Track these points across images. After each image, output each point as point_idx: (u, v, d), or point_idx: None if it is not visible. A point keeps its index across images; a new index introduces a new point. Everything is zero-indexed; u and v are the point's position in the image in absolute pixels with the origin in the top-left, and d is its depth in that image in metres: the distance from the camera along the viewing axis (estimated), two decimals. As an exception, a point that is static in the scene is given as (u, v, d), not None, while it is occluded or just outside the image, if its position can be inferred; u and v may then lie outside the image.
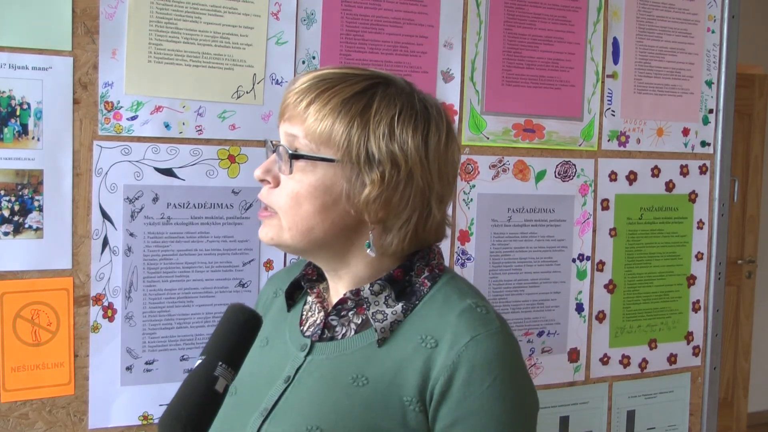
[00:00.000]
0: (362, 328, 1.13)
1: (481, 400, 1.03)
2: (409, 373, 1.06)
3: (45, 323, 1.44)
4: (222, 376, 0.97)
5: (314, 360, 1.13)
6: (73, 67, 1.43)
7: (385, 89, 1.11)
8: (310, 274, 1.23)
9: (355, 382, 1.08)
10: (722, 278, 2.09)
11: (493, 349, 1.05)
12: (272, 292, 1.32)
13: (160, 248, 1.51)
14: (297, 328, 1.20)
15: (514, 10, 1.79)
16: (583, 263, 1.91)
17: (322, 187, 1.08)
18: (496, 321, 1.09)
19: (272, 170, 1.11)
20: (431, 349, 1.06)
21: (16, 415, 1.43)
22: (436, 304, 1.11)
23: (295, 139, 1.09)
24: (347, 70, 1.13)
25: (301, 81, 1.11)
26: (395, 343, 1.09)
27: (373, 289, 1.13)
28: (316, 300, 1.20)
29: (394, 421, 1.05)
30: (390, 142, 1.08)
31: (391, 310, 1.11)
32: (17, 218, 1.41)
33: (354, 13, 1.64)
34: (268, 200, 1.11)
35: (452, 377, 1.04)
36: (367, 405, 1.06)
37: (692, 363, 2.06)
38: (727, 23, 2.04)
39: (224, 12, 1.53)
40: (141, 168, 1.49)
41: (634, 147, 1.95)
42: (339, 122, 1.07)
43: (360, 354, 1.11)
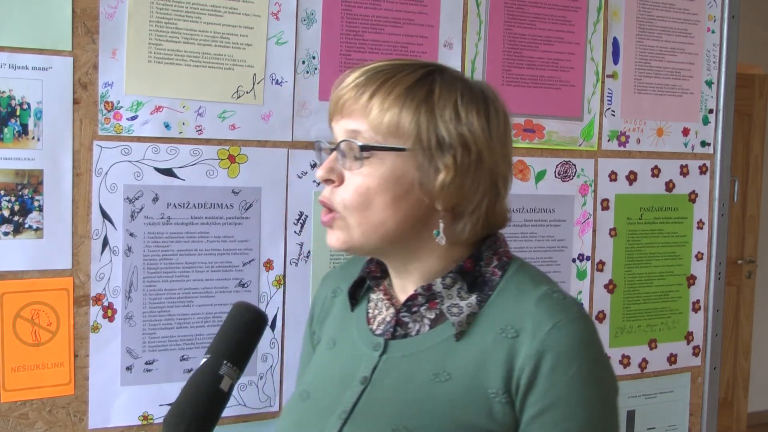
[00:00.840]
0: (436, 322, 1.11)
1: (569, 387, 1.02)
2: (492, 365, 1.05)
3: (45, 323, 1.44)
4: (227, 375, 0.96)
5: (390, 358, 1.11)
6: (73, 67, 1.43)
7: (441, 75, 1.09)
8: (374, 271, 1.19)
9: (436, 378, 1.07)
10: (722, 278, 2.09)
11: (576, 335, 1.04)
12: (330, 292, 1.28)
13: (160, 248, 1.51)
14: (365, 327, 1.17)
15: (514, 10, 1.79)
16: (583, 263, 1.91)
17: (393, 177, 1.05)
18: (574, 306, 1.08)
19: (335, 168, 1.07)
20: (512, 339, 1.05)
21: (16, 415, 1.43)
22: (510, 293, 1.09)
23: (357, 134, 1.05)
24: (399, 61, 1.11)
25: (354, 76, 1.09)
26: (473, 335, 1.07)
27: (445, 283, 1.10)
28: (384, 297, 1.17)
29: (481, 415, 1.04)
30: (458, 124, 1.06)
31: (466, 302, 1.09)
32: (17, 218, 1.41)
33: (354, 13, 1.64)
34: (333, 199, 1.07)
35: (538, 366, 1.02)
36: (451, 400, 1.05)
37: (692, 363, 2.06)
38: (727, 23, 2.04)
39: (224, 12, 1.53)
40: (141, 168, 1.49)
41: (634, 147, 1.95)
42: (406, 110, 1.05)
43: (438, 349, 1.09)
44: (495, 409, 1.04)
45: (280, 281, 1.61)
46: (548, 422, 1.02)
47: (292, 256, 1.62)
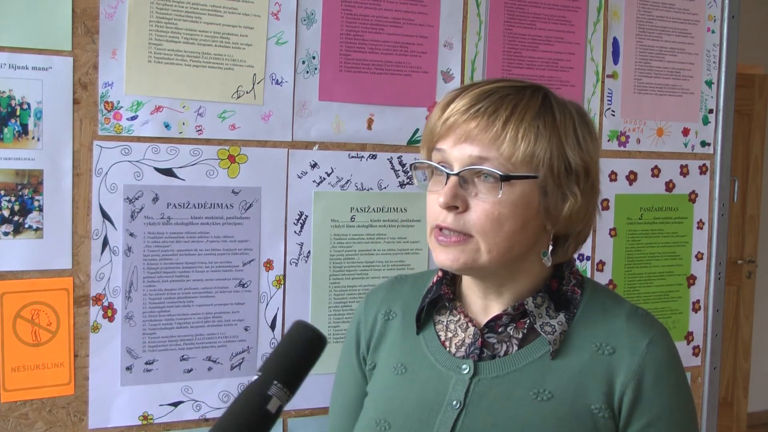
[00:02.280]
0: (525, 342, 1.12)
1: (670, 398, 1.08)
2: (592, 381, 1.08)
3: (45, 323, 1.44)
4: (276, 396, 0.91)
5: (482, 380, 1.11)
6: (73, 67, 1.43)
7: (552, 97, 1.11)
8: (447, 293, 1.18)
9: (537, 397, 1.08)
10: (722, 278, 2.09)
11: (669, 348, 1.11)
12: (381, 315, 1.25)
13: (160, 248, 1.51)
14: (442, 350, 1.16)
15: (514, 10, 1.79)
16: (583, 263, 1.91)
17: (523, 204, 1.06)
18: (655, 319, 1.14)
19: (459, 194, 1.05)
20: (609, 356, 1.08)
21: (16, 415, 1.43)
22: (595, 310, 1.13)
23: (484, 161, 1.05)
24: (508, 82, 1.11)
25: (471, 99, 1.07)
26: (568, 353, 1.10)
27: (536, 302, 1.12)
28: (465, 319, 1.16)
29: (585, 430, 1.06)
30: (580, 150, 1.09)
31: (557, 321, 1.11)
32: (17, 218, 1.41)
33: (354, 13, 1.64)
34: (460, 226, 1.06)
35: (641, 380, 1.07)
36: (557, 418, 1.07)
37: (692, 363, 2.06)
38: (727, 23, 2.04)
39: (224, 12, 1.53)
40: (141, 168, 1.49)
41: (634, 147, 1.95)
42: (540, 139, 1.05)
43: (533, 368, 1.10)
44: (599, 425, 1.07)
45: (280, 281, 1.61)
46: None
47: (292, 256, 1.62)
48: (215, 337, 1.56)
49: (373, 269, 1.69)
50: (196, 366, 1.55)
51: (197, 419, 1.56)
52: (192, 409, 1.56)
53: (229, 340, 1.58)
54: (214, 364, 1.57)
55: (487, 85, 1.09)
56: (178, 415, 1.54)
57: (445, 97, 1.12)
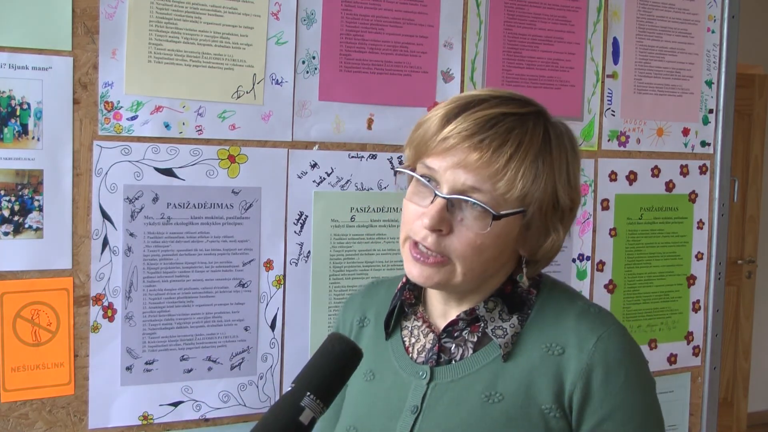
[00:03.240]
0: (479, 346, 1.13)
1: (622, 395, 1.07)
2: (542, 381, 1.08)
3: (45, 323, 1.44)
4: (309, 407, 0.91)
5: (438, 385, 1.13)
6: (73, 67, 1.43)
7: (550, 125, 1.10)
8: (409, 298, 1.20)
9: (489, 400, 1.09)
10: (722, 278, 2.09)
11: (619, 345, 1.09)
12: (356, 321, 1.28)
13: (160, 248, 1.51)
14: (404, 355, 1.18)
15: (514, 10, 1.79)
16: (583, 263, 1.91)
17: (504, 235, 1.08)
18: (610, 318, 1.14)
19: (445, 218, 1.05)
20: (559, 356, 1.09)
21: (16, 415, 1.43)
22: (549, 311, 1.13)
23: (476, 191, 1.05)
24: (511, 106, 1.09)
25: (474, 126, 1.05)
26: (520, 354, 1.11)
27: (488, 306, 1.13)
28: (425, 324, 1.18)
29: (537, 430, 1.07)
30: (570, 189, 1.11)
31: (509, 323, 1.12)
32: (17, 218, 1.41)
33: (354, 13, 1.64)
34: (441, 248, 1.06)
35: (590, 379, 1.07)
36: (508, 419, 1.07)
37: (692, 363, 2.06)
38: (727, 23, 2.04)
39: (224, 12, 1.53)
40: (141, 168, 1.49)
41: (634, 147, 1.95)
42: (537, 179, 1.06)
43: (486, 371, 1.11)
44: (551, 425, 1.07)
45: (280, 281, 1.61)
46: (608, 430, 1.07)
47: (292, 256, 1.62)
48: (215, 337, 1.56)
49: (373, 269, 1.69)
50: (196, 366, 1.55)
51: (197, 419, 1.56)
52: (192, 409, 1.56)
53: (229, 340, 1.58)
54: (214, 364, 1.57)
55: (491, 109, 1.07)
56: (178, 415, 1.54)
57: (443, 108, 1.10)
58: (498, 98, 1.09)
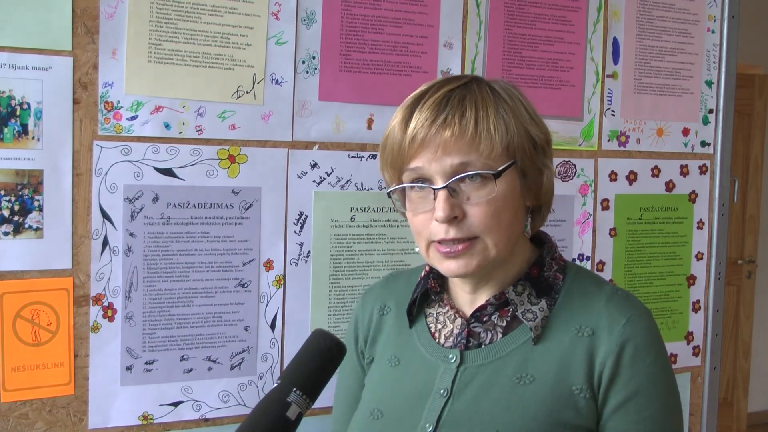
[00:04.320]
0: (508, 330, 1.16)
1: (648, 376, 1.10)
2: (573, 363, 1.10)
3: (45, 323, 1.44)
4: (295, 403, 0.92)
5: (468, 368, 1.14)
6: (73, 67, 1.43)
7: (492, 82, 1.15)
8: (434, 287, 1.22)
9: (520, 381, 1.11)
10: (722, 278, 2.09)
11: (647, 327, 1.13)
12: (377, 310, 1.30)
13: (160, 248, 1.51)
14: (431, 341, 1.20)
15: (514, 10, 1.79)
16: (583, 263, 1.91)
17: (511, 192, 1.11)
18: (637, 301, 1.17)
19: (454, 204, 1.08)
20: (589, 338, 1.11)
21: (16, 415, 1.43)
22: (576, 295, 1.16)
23: (467, 165, 1.07)
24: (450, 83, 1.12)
25: (430, 112, 1.09)
26: (549, 337, 1.13)
27: (517, 290, 1.15)
28: (452, 310, 1.20)
29: (569, 411, 1.09)
30: (536, 125, 1.14)
31: (538, 307, 1.14)
32: (17, 218, 1.41)
33: (354, 13, 1.64)
34: (464, 232, 1.08)
35: (619, 358, 1.09)
36: (539, 400, 1.09)
37: (692, 363, 2.06)
38: (727, 23, 2.04)
39: (224, 12, 1.53)
40: (141, 168, 1.49)
41: (634, 147, 1.95)
42: (509, 126, 1.09)
43: (516, 354, 1.13)
44: (580, 405, 1.09)
45: (280, 281, 1.61)
46: (632, 409, 1.09)
47: (292, 256, 1.62)
48: (215, 337, 1.57)
49: (373, 269, 1.69)
50: (196, 366, 1.55)
51: (197, 419, 1.56)
52: (192, 409, 1.56)
53: (229, 340, 1.58)
54: (214, 364, 1.57)
55: (436, 93, 1.10)
56: (178, 415, 1.54)
57: (396, 117, 1.13)
58: (438, 83, 1.14)
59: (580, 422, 1.09)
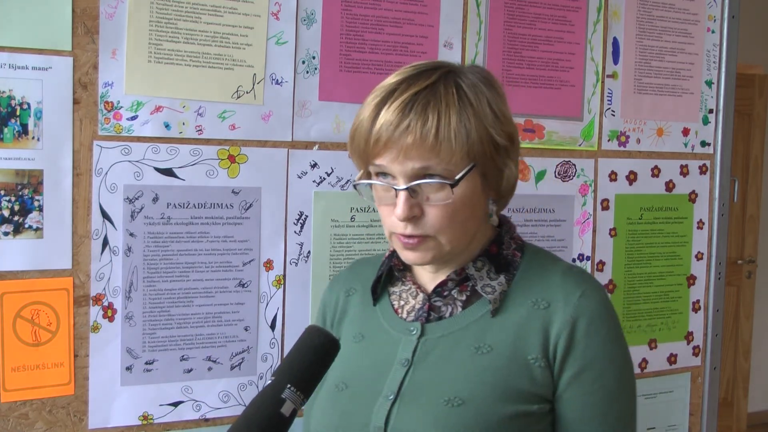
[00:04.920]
0: (468, 303, 1.21)
1: (602, 347, 1.15)
2: (529, 334, 1.15)
3: (45, 323, 1.44)
4: (290, 399, 0.93)
5: (429, 340, 1.19)
6: (73, 67, 1.43)
7: (460, 78, 1.16)
8: (398, 265, 1.27)
9: (478, 351, 1.16)
10: (722, 278, 2.09)
11: (602, 301, 1.18)
12: (342, 293, 1.35)
13: (160, 248, 1.51)
14: (395, 316, 1.25)
15: (514, 10, 1.79)
16: (583, 263, 1.91)
17: (469, 194, 1.15)
18: (591, 276, 1.22)
19: (413, 205, 1.12)
20: (545, 310, 1.17)
21: (16, 415, 1.43)
22: (534, 270, 1.21)
23: (428, 169, 1.11)
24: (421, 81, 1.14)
25: (395, 115, 1.11)
26: (507, 310, 1.18)
27: (476, 266, 1.21)
28: (414, 287, 1.25)
29: (524, 379, 1.13)
30: (501, 125, 1.16)
31: (497, 281, 1.20)
32: (17, 218, 1.41)
33: (354, 13, 1.64)
34: (421, 231, 1.14)
35: (574, 330, 1.14)
36: (495, 368, 1.14)
37: (692, 363, 2.06)
38: (727, 23, 2.04)
39: (224, 12, 1.53)
40: (141, 168, 1.49)
41: (634, 147, 1.95)
42: (470, 133, 1.12)
43: (475, 326, 1.18)
44: (535, 374, 1.14)
45: (280, 281, 1.61)
46: (587, 380, 1.14)
47: (292, 256, 1.62)
48: (215, 337, 1.57)
49: (373, 269, 1.69)
50: (196, 366, 1.55)
51: (197, 419, 1.56)
52: (192, 409, 1.56)
53: (229, 340, 1.58)
54: (214, 364, 1.57)
55: (403, 95, 1.12)
56: (178, 415, 1.54)
57: (366, 109, 1.16)
58: (408, 79, 1.15)
59: (536, 390, 1.13)
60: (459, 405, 1.11)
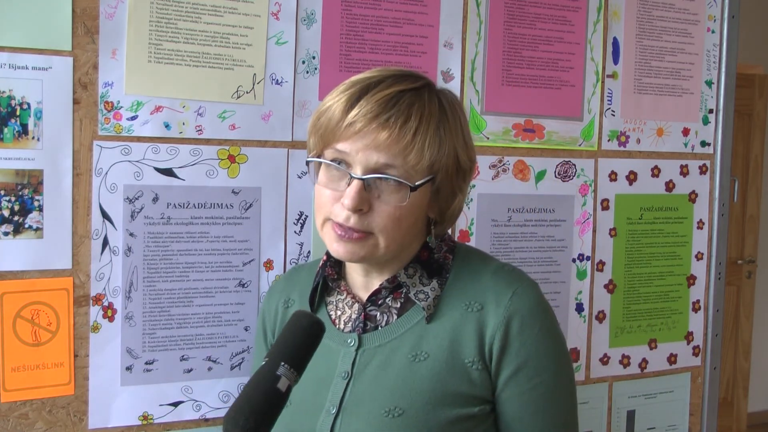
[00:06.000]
0: (403, 311, 1.21)
1: (537, 344, 1.16)
2: (465, 337, 1.16)
3: (45, 323, 1.44)
4: (284, 376, 0.98)
5: (366, 350, 1.20)
6: (73, 67, 1.43)
7: (440, 94, 1.17)
8: (332, 274, 1.27)
9: (415, 359, 1.16)
10: (722, 278, 2.09)
11: (534, 298, 1.18)
12: (281, 304, 1.36)
13: (160, 248, 1.51)
14: (332, 327, 1.25)
15: (514, 10, 1.79)
16: (583, 263, 1.91)
17: (419, 203, 1.16)
18: (523, 275, 1.22)
19: (364, 197, 1.12)
20: (478, 312, 1.17)
21: (16, 415, 1.43)
22: (465, 272, 1.22)
23: (389, 167, 1.12)
24: (405, 83, 1.14)
25: (377, 107, 1.11)
26: (441, 315, 1.18)
27: (408, 273, 1.20)
28: (349, 296, 1.25)
29: (462, 383, 1.15)
30: (467, 149, 1.18)
31: (429, 287, 1.19)
32: (17, 218, 1.41)
33: (354, 13, 1.64)
34: (364, 226, 1.14)
35: (507, 330, 1.15)
36: (432, 375, 1.14)
37: (692, 363, 2.06)
38: (727, 23, 2.04)
39: (224, 12, 1.53)
40: (141, 168, 1.49)
41: (634, 147, 1.95)
42: (442, 146, 1.13)
43: (411, 333, 1.18)
44: (473, 376, 1.14)
45: (280, 281, 1.61)
46: (524, 378, 1.15)
47: (292, 256, 1.62)
48: (215, 337, 1.57)
49: (373, 269, 1.69)
50: (196, 366, 1.55)
51: (197, 419, 1.56)
52: (192, 409, 1.56)
53: (229, 340, 1.58)
54: (214, 364, 1.57)
55: (389, 89, 1.13)
56: (178, 415, 1.54)
57: (343, 94, 1.15)
58: (392, 77, 1.16)
59: (475, 392, 1.14)
60: (399, 415, 1.12)
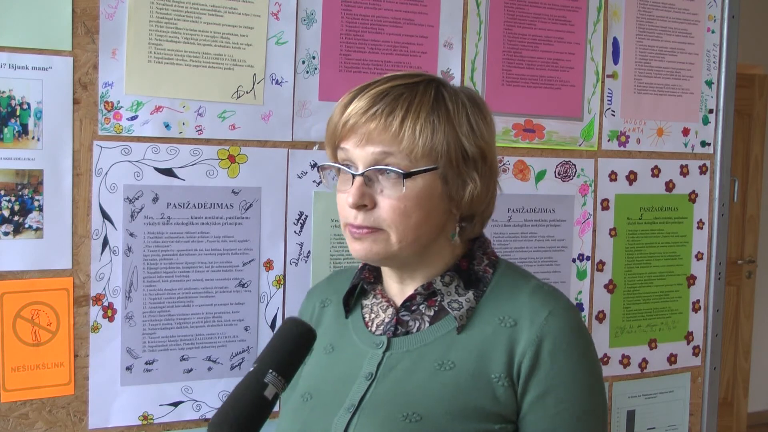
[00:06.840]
0: (436, 319, 1.20)
1: (568, 369, 1.12)
2: (494, 352, 1.14)
3: (45, 323, 1.44)
4: (272, 384, 0.97)
5: (394, 354, 1.19)
6: (73, 67, 1.43)
7: (444, 87, 1.17)
8: (368, 278, 1.27)
9: (441, 367, 1.14)
10: (722, 278, 2.09)
11: (570, 322, 1.15)
12: (318, 304, 1.36)
13: (160, 248, 1.51)
14: (364, 329, 1.25)
15: (514, 10, 1.79)
16: (583, 263, 1.91)
17: (426, 195, 1.13)
18: (562, 296, 1.19)
19: (366, 193, 1.13)
20: (511, 329, 1.14)
21: (16, 415, 1.43)
22: (504, 288, 1.19)
23: (387, 156, 1.12)
24: (403, 80, 1.16)
25: (367, 101, 1.13)
26: (473, 327, 1.16)
27: (444, 281, 1.19)
28: (383, 300, 1.25)
29: (486, 398, 1.12)
30: (475, 137, 1.16)
31: (464, 298, 1.18)
32: (17, 218, 1.41)
33: (354, 13, 1.64)
34: (371, 222, 1.14)
35: (539, 350, 1.12)
36: (456, 386, 1.13)
37: (692, 363, 2.06)
38: (727, 23, 2.04)
39: (224, 12, 1.53)
40: (141, 168, 1.49)
41: (634, 147, 1.95)
42: (436, 132, 1.12)
43: (440, 342, 1.17)
44: (498, 393, 1.12)
45: (280, 281, 1.62)
46: (551, 403, 1.12)
47: (292, 256, 1.62)
48: (215, 337, 1.57)
49: (373, 269, 1.69)
50: (196, 366, 1.55)
51: (197, 419, 1.56)
52: (192, 409, 1.56)
53: (229, 340, 1.58)
54: (214, 364, 1.57)
55: (383, 85, 1.15)
56: (178, 415, 1.54)
57: (344, 97, 1.18)
58: (391, 77, 1.17)
59: (497, 409, 1.12)
60: (417, 421, 1.11)
